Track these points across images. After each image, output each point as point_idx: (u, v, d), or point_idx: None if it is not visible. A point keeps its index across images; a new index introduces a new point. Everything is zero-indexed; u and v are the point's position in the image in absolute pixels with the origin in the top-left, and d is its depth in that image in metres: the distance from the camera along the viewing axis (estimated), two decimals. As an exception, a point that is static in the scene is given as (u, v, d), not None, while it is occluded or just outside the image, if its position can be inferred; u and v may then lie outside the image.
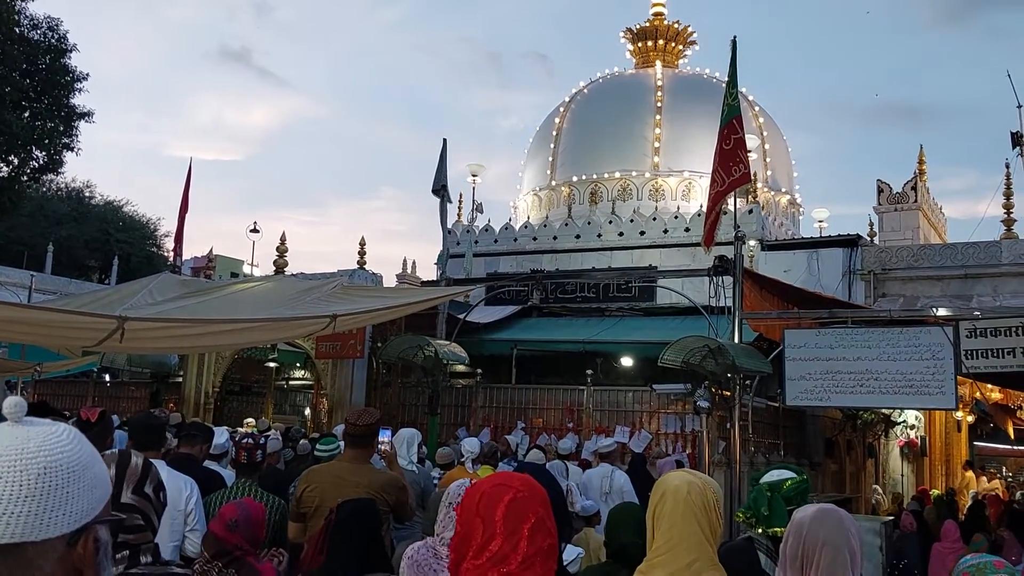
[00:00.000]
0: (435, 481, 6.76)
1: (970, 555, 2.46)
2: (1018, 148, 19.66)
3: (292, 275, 13.98)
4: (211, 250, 25.84)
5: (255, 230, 22.89)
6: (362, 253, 14.84)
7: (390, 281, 19.10)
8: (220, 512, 3.40)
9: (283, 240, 14.41)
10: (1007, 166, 18.15)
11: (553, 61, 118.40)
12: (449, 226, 16.30)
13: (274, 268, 14.36)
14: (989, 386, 14.31)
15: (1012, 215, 17.00)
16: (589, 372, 12.13)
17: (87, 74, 19.43)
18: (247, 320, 7.22)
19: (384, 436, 8.11)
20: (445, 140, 12.88)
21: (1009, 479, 24.11)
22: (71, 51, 19.24)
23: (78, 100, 19.56)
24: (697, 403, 9.37)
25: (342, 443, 5.37)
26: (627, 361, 13.50)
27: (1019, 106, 20.59)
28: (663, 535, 2.17)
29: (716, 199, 10.30)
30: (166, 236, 32.72)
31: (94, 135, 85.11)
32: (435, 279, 14.58)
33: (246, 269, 28.45)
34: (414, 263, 20.21)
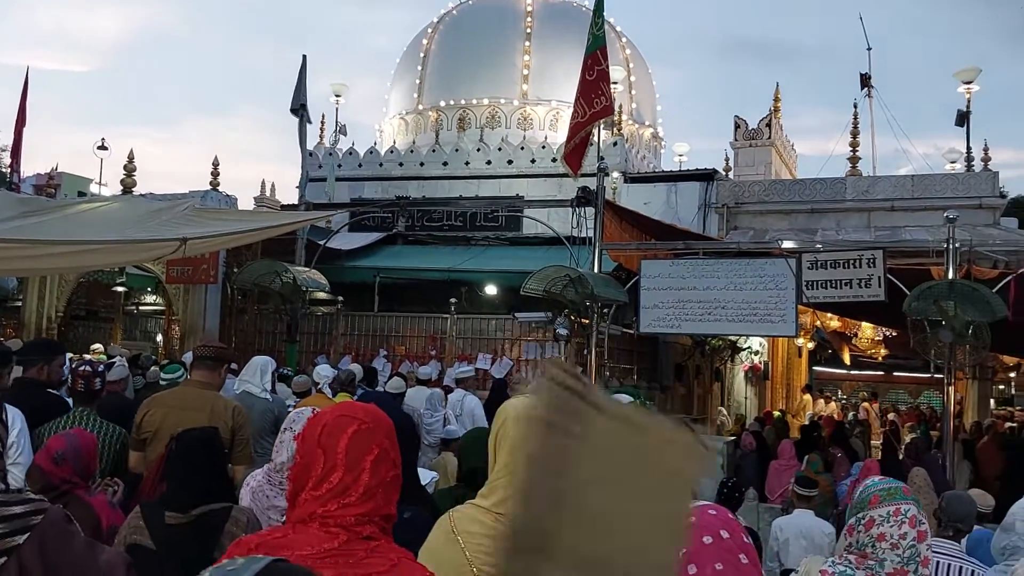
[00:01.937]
0: (290, 409, 6.64)
1: (878, 478, 2.56)
2: (866, 89, 20.74)
3: (141, 195, 13.23)
4: (55, 167, 24.07)
5: (103, 147, 21.32)
6: (216, 174, 14.15)
7: (247, 204, 18.35)
8: (46, 444, 3.21)
9: (131, 158, 13.52)
10: (855, 106, 19.12)
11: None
12: (310, 148, 15.77)
13: (122, 188, 13.51)
14: (828, 315, 15.28)
15: (858, 153, 17.96)
16: (453, 301, 12.15)
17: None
18: (91, 242, 6.81)
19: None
20: (305, 57, 12.34)
21: (844, 402, 26.07)
22: None
23: None
24: (557, 331, 9.57)
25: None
26: (491, 290, 13.59)
27: (868, 48, 21.67)
28: (504, 457, 2.17)
29: (576, 129, 10.38)
30: (2, 151, 30.20)
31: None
32: (295, 203, 14.12)
33: (93, 188, 26.66)
34: (273, 186, 19.40)
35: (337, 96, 19.99)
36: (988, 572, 3.30)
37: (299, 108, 12.05)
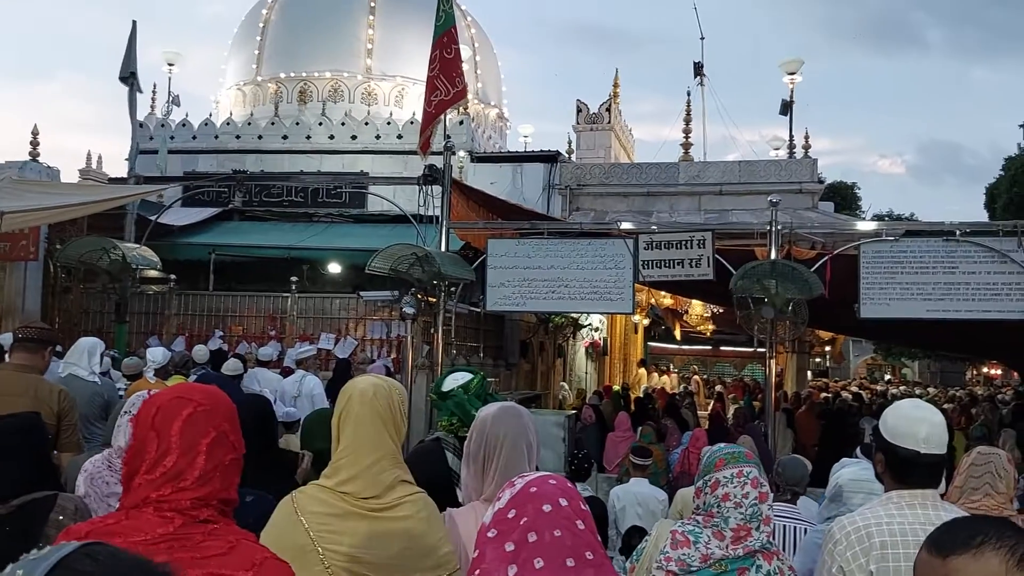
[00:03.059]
0: (120, 393, 6.31)
1: (723, 444, 2.70)
2: (699, 77, 21.71)
3: (-55, 165, 12.11)
4: None
5: None
6: (35, 144, 13.12)
7: (72, 176, 17.16)
8: None
9: (-68, 123, 12.34)
10: (688, 94, 20.02)
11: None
12: (141, 119, 14.90)
13: (-75, 156, 12.30)
14: (662, 293, 15.99)
15: (690, 139, 18.84)
16: (294, 279, 11.85)
17: None
18: None
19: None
20: (135, 23, 11.63)
21: (675, 374, 27.38)
22: None
23: None
24: (403, 309, 9.52)
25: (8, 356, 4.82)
26: (335, 268, 13.34)
27: (702, 38, 22.71)
28: (349, 437, 2.17)
29: (440, 108, 10.28)
30: None
31: None
32: (124, 176, 13.31)
33: None
34: (100, 157, 18.25)
35: (170, 65, 18.95)
36: (817, 527, 3.59)
37: (129, 76, 11.35)
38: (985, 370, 35.73)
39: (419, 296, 9.47)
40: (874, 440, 2.46)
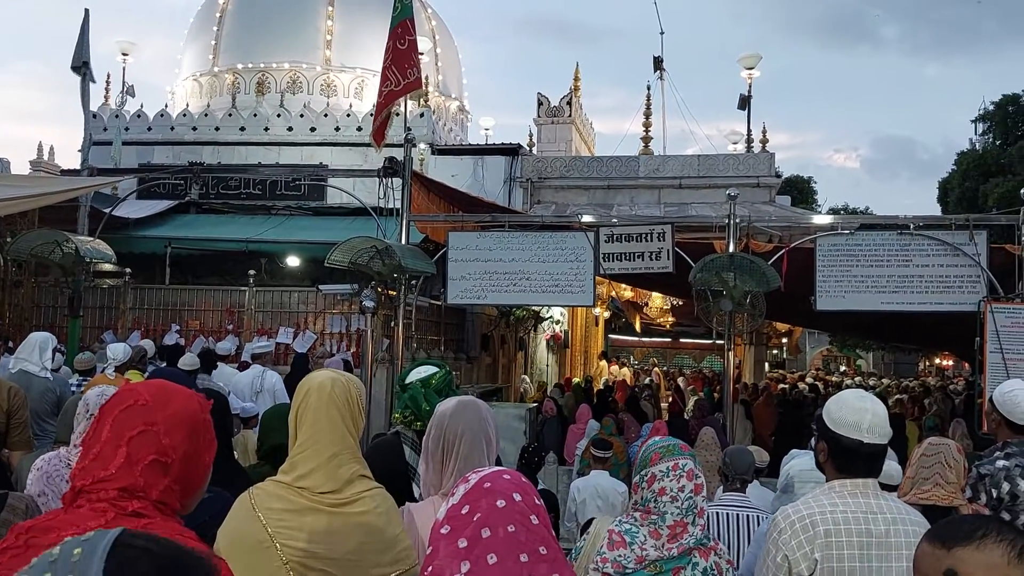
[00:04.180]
0: (73, 389, 6.20)
1: (659, 437, 2.71)
2: (659, 72, 21.83)
3: None
4: None
5: None
6: (-17, 134, 12.82)
7: (22, 168, 16.77)
8: None
9: None
10: (648, 88, 20.12)
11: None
12: (94, 109, 14.59)
13: None
14: (622, 285, 16.10)
15: (650, 133, 18.94)
16: (252, 272, 11.72)
17: None
18: None
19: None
20: (87, 11, 11.35)
21: (636, 367, 27.61)
22: None
23: None
24: (363, 303, 9.45)
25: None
26: (293, 261, 13.21)
27: (662, 33, 22.84)
28: (306, 431, 2.15)
29: (389, 98, 10.24)
30: None
31: None
32: (77, 168, 13.04)
33: None
34: (52, 149, 17.78)
35: (124, 55, 18.57)
36: (768, 516, 3.64)
37: (81, 66, 11.09)
38: (937, 361, 36.52)
39: (379, 289, 9.41)
40: (816, 429, 2.49)
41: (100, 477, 1.53)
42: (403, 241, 9.43)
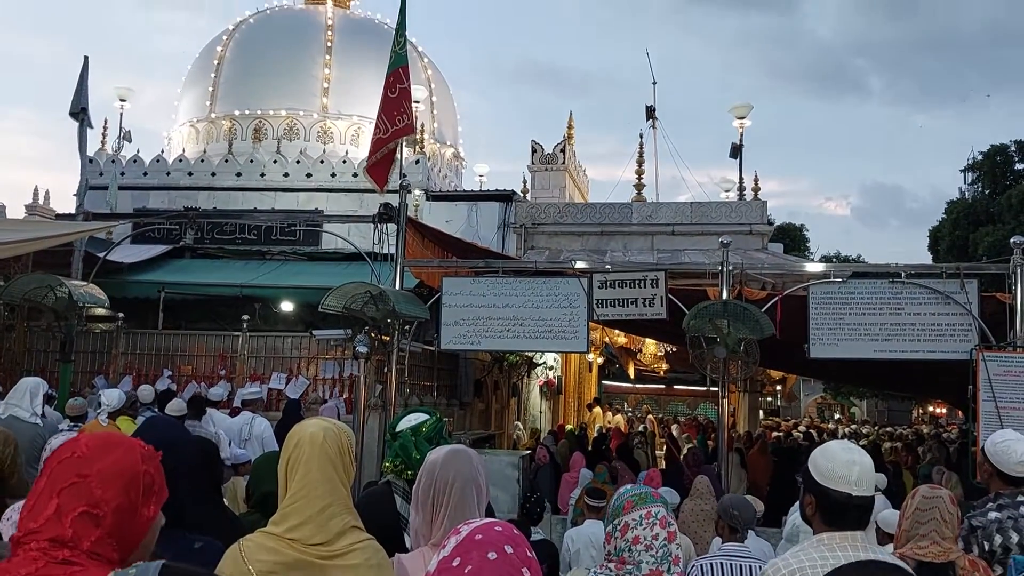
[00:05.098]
0: (63, 435, 6.14)
1: (630, 485, 2.70)
2: (651, 120, 22.12)
3: None
4: None
5: None
6: (-21, 178, 12.88)
7: (18, 212, 16.85)
8: None
9: None
10: (641, 136, 20.37)
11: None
12: (91, 154, 14.69)
13: None
14: (616, 331, 16.09)
15: (643, 180, 19.12)
16: (246, 318, 11.69)
17: None
18: None
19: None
20: (87, 58, 11.49)
21: (629, 414, 27.47)
22: None
23: None
24: (356, 348, 9.43)
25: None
26: (288, 306, 13.19)
27: (654, 83, 23.12)
28: (298, 482, 2.14)
29: (378, 145, 10.41)
30: None
31: None
32: (72, 212, 13.08)
33: None
34: (48, 193, 17.94)
35: (122, 100, 18.74)
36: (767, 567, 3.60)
37: (79, 112, 11.19)
38: (931, 409, 36.44)
39: (372, 335, 9.40)
40: (803, 482, 2.48)
41: (31, 528, 1.55)
42: (397, 286, 9.44)
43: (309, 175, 16.75)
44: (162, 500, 1.69)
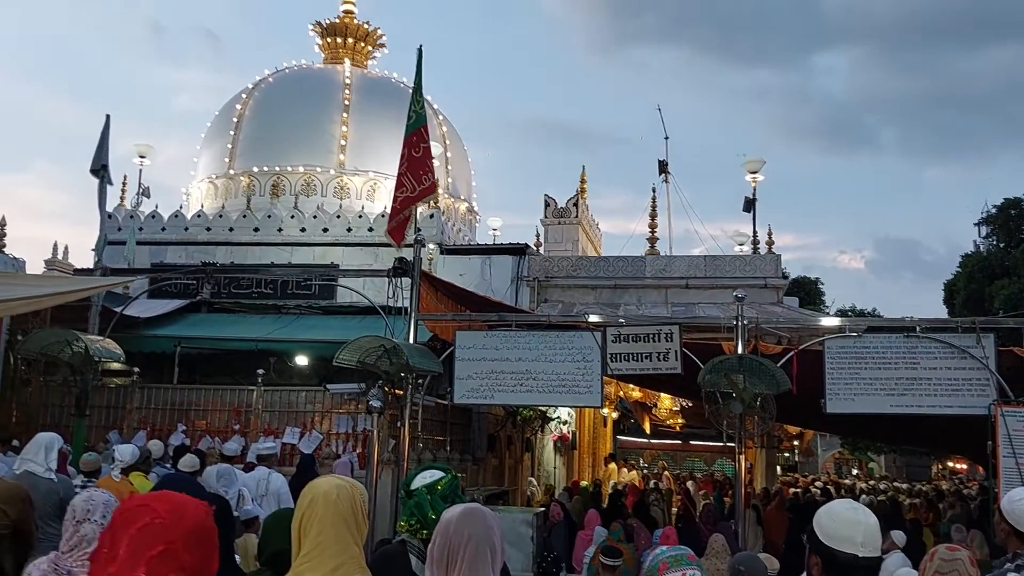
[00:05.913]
0: (77, 490, 6.13)
1: (666, 546, 2.69)
2: (664, 175, 22.27)
3: (-92, 254, 11.99)
4: None
5: None
6: (2, 234, 13.08)
7: (37, 267, 17.02)
8: None
9: (-101, 213, 12.27)
10: (653, 190, 20.52)
11: (224, 42, 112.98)
12: (110, 210, 14.92)
13: None
14: (630, 386, 16.01)
15: (656, 234, 19.22)
16: (261, 372, 11.72)
17: None
18: None
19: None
20: (108, 116, 11.76)
21: (645, 470, 27.14)
22: None
23: None
24: (370, 402, 9.42)
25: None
26: (302, 360, 13.22)
27: (666, 138, 23.35)
28: (312, 540, 2.13)
29: (405, 204, 10.49)
30: None
31: None
32: (90, 267, 13.23)
33: None
34: (67, 248, 18.11)
35: (142, 157, 19.07)
36: None
37: (100, 169, 11.41)
38: (951, 464, 35.84)
39: (386, 389, 9.39)
40: (808, 543, 2.45)
41: None
42: (411, 340, 9.47)
43: (326, 229, 16.92)
44: (219, 552, 1.73)
